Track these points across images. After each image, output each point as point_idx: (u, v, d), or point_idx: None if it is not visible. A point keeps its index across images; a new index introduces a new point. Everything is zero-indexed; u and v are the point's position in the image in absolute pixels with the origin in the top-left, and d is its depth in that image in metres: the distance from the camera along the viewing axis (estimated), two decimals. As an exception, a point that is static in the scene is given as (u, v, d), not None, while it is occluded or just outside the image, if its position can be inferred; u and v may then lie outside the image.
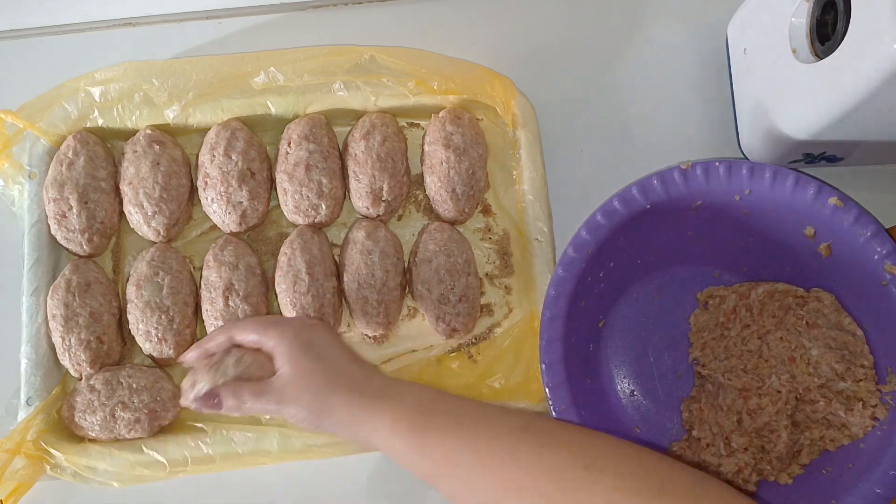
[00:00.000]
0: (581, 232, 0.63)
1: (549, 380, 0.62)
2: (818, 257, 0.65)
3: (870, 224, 0.61)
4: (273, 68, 0.72)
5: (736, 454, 0.65)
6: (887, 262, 0.60)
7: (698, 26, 0.79)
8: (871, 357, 0.64)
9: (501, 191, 0.75)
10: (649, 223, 0.64)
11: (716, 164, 0.62)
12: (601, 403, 0.69)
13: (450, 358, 0.72)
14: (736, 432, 0.65)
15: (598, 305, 0.69)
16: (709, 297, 0.70)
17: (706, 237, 0.68)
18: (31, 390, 0.69)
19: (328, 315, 0.70)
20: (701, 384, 0.69)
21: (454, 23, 0.79)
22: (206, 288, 0.70)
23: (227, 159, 0.70)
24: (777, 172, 0.62)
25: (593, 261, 0.63)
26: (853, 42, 0.56)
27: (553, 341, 0.62)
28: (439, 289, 0.69)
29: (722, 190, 0.63)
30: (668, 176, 0.63)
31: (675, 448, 0.67)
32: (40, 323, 0.70)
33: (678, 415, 0.69)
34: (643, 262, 0.69)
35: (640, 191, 0.63)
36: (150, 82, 0.72)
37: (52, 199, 0.71)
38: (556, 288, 0.63)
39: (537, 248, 0.71)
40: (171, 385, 0.70)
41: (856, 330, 0.65)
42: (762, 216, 0.65)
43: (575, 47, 0.79)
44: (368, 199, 0.71)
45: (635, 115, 0.77)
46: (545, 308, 0.63)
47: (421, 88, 0.72)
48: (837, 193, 0.61)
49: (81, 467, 0.67)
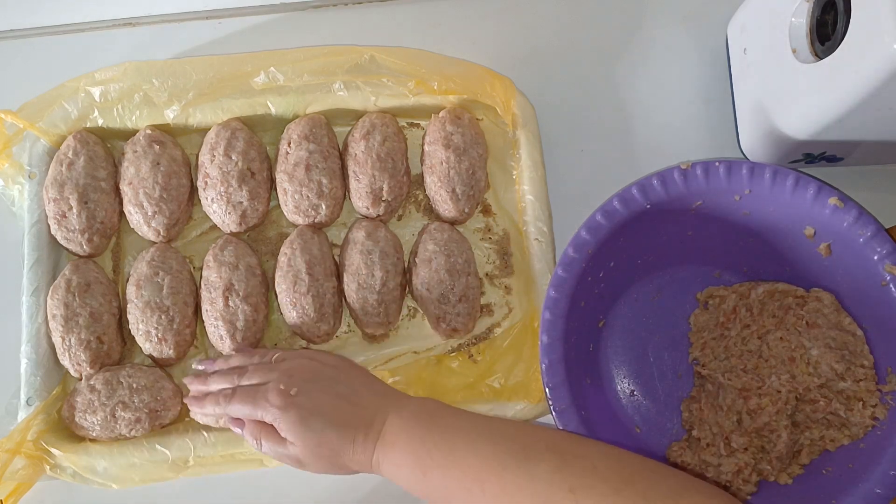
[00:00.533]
0: (581, 232, 0.63)
1: (549, 379, 0.62)
2: (818, 257, 0.65)
3: (870, 224, 0.61)
4: (273, 68, 0.72)
5: (736, 454, 0.65)
6: (887, 262, 0.60)
7: (698, 26, 0.79)
8: (872, 357, 0.64)
9: (501, 191, 0.75)
10: (649, 223, 0.64)
11: (716, 164, 0.62)
12: (601, 403, 0.69)
13: (450, 358, 0.72)
14: (736, 432, 0.65)
15: (598, 305, 0.69)
16: (709, 296, 0.70)
17: (706, 237, 0.68)
18: (31, 390, 0.69)
19: (328, 315, 0.70)
20: (701, 384, 0.69)
21: (454, 23, 0.80)
22: (206, 288, 0.70)
23: (227, 159, 0.70)
24: (777, 172, 0.62)
25: (593, 261, 0.63)
26: (853, 42, 0.56)
27: (553, 341, 0.62)
28: (439, 289, 0.69)
29: (722, 190, 0.63)
30: (668, 176, 0.63)
31: (675, 448, 0.67)
32: (40, 323, 0.70)
33: (678, 415, 0.69)
34: (643, 262, 0.69)
35: (640, 191, 0.63)
36: (150, 82, 0.72)
37: (52, 199, 0.71)
38: (556, 289, 0.63)
39: (537, 248, 0.71)
40: (171, 385, 0.70)
41: (856, 330, 0.65)
42: (762, 216, 0.65)
43: (575, 47, 0.79)
44: (368, 199, 0.71)
45: (635, 115, 0.77)
46: (545, 309, 0.63)
47: (421, 88, 0.72)
48: (837, 193, 0.61)
49: (81, 467, 0.67)
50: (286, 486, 0.71)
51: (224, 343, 0.69)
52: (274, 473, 0.71)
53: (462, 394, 0.70)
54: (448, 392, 0.70)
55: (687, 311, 0.71)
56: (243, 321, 0.69)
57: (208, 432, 0.68)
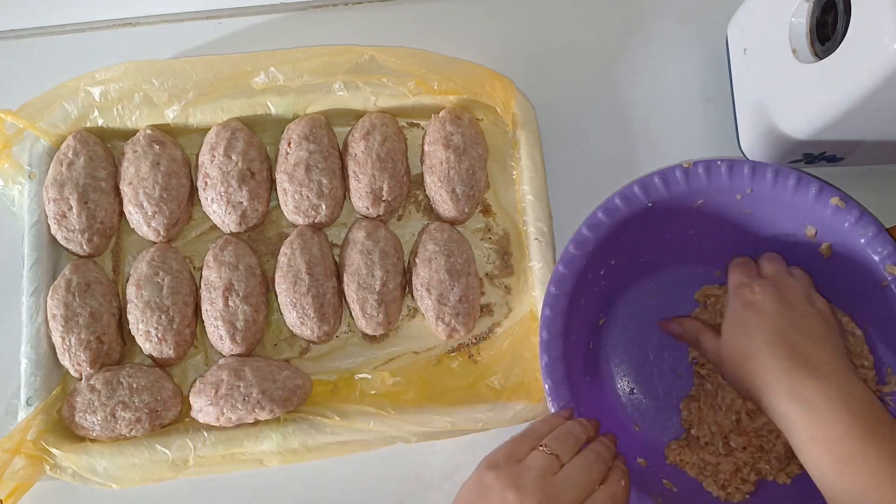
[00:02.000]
0: (582, 229, 0.63)
1: (548, 377, 0.62)
2: (819, 257, 0.65)
3: (871, 224, 0.61)
4: (273, 68, 0.72)
5: (734, 453, 0.65)
6: (888, 263, 0.60)
7: (698, 26, 0.79)
8: (871, 357, 0.64)
9: (501, 191, 0.75)
10: (650, 221, 0.64)
11: (718, 163, 0.62)
12: (601, 401, 0.69)
13: (450, 358, 0.72)
14: (735, 431, 0.65)
15: (599, 303, 0.69)
16: (705, 296, 0.70)
17: (707, 236, 0.68)
18: (31, 390, 0.69)
19: (328, 315, 0.70)
20: (700, 383, 0.69)
21: (454, 23, 0.80)
22: (206, 288, 0.70)
23: (227, 159, 0.70)
24: (779, 172, 0.62)
25: (594, 258, 0.63)
26: (853, 42, 0.56)
27: (553, 338, 0.62)
28: (439, 289, 0.69)
29: (724, 189, 0.63)
30: (670, 174, 0.63)
31: (674, 446, 0.68)
32: (40, 323, 0.70)
33: (677, 413, 0.69)
34: (644, 261, 0.69)
35: (641, 189, 0.63)
36: (150, 82, 0.72)
37: (52, 199, 0.71)
38: (557, 285, 0.63)
39: (537, 247, 0.71)
40: (171, 384, 0.70)
41: (855, 329, 0.65)
42: (763, 216, 0.65)
43: (575, 47, 0.79)
44: (368, 199, 0.71)
45: (635, 115, 0.77)
46: (545, 305, 0.63)
47: (421, 88, 0.72)
48: (839, 193, 0.61)
49: (81, 467, 0.67)
50: (286, 485, 0.71)
51: (224, 343, 0.69)
52: (274, 473, 0.71)
53: (462, 394, 0.70)
54: (448, 392, 0.70)
55: (687, 310, 0.71)
56: (243, 321, 0.69)
57: (208, 432, 0.68)
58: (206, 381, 0.68)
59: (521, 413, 0.68)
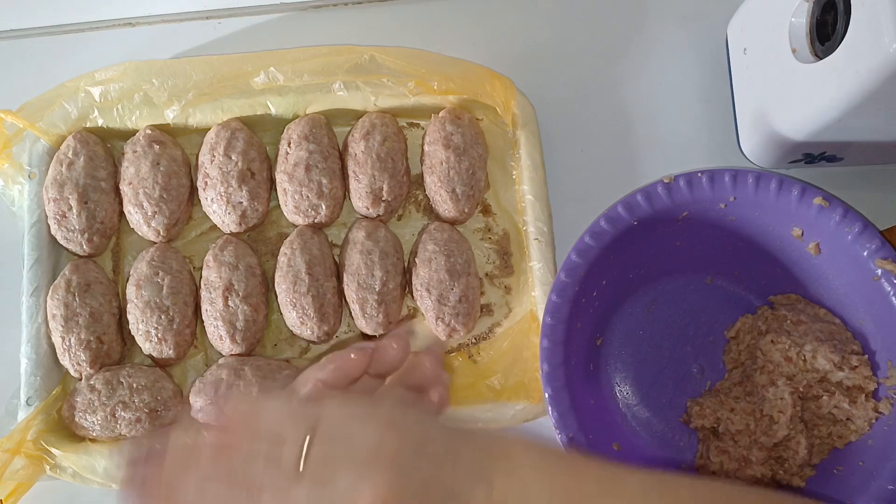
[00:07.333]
0: (571, 255, 0.63)
1: (549, 384, 0.62)
2: (808, 256, 0.65)
3: (856, 221, 0.61)
4: (273, 68, 0.72)
5: (753, 466, 0.65)
6: (877, 258, 0.61)
7: (698, 26, 0.79)
8: (858, 342, 0.64)
9: (501, 191, 0.75)
10: (638, 238, 0.65)
11: (698, 175, 0.63)
12: (601, 407, 0.69)
13: (450, 358, 0.72)
14: (755, 447, 0.65)
15: (595, 323, 0.68)
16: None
17: (695, 245, 0.68)
18: (31, 390, 0.69)
19: (328, 315, 0.70)
20: (705, 440, 0.68)
21: (454, 23, 0.79)
22: (205, 288, 0.70)
23: (227, 159, 0.71)
24: (760, 177, 0.62)
25: (586, 282, 0.63)
26: (853, 42, 0.56)
27: (554, 345, 0.62)
28: (439, 289, 0.69)
29: (707, 199, 0.63)
30: (653, 191, 0.63)
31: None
32: (40, 323, 0.70)
33: (679, 419, 0.69)
34: (635, 276, 0.69)
35: (625, 208, 0.63)
36: (150, 82, 0.72)
37: (52, 199, 0.71)
38: (553, 315, 0.63)
39: (537, 247, 0.71)
40: (171, 384, 0.70)
41: (833, 319, 0.66)
42: (749, 221, 0.65)
43: (575, 47, 0.79)
44: (368, 199, 0.71)
45: (635, 115, 0.77)
46: (543, 336, 0.63)
47: (421, 88, 0.72)
48: (822, 193, 0.62)
49: (81, 467, 0.67)
50: (286, 486, 0.71)
51: (224, 343, 0.69)
52: (274, 473, 0.71)
53: (462, 394, 0.70)
54: (448, 392, 0.70)
55: (682, 320, 0.70)
56: (243, 321, 0.69)
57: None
58: (206, 381, 0.68)
59: (521, 413, 0.68)
